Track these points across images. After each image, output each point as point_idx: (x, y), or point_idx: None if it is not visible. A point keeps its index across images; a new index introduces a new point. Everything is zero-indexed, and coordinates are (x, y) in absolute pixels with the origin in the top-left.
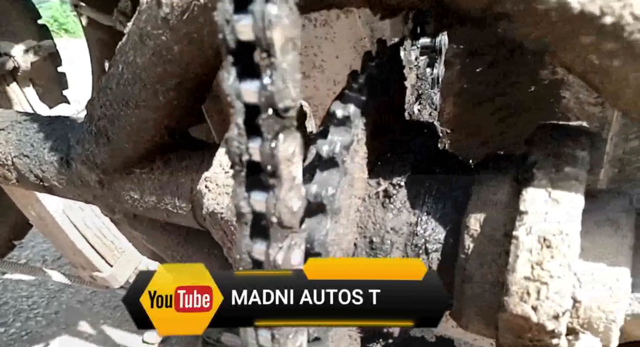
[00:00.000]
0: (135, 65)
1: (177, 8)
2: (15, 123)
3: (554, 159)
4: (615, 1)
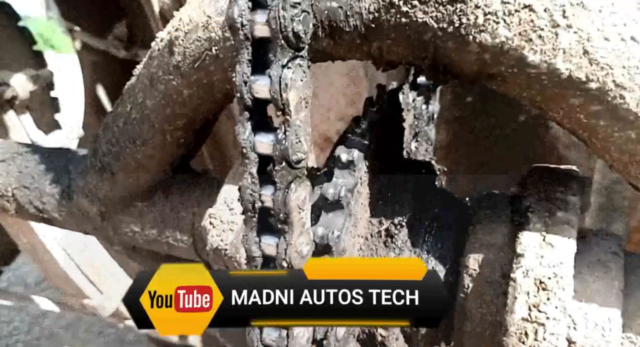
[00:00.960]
0: (145, 106)
1: (189, 57)
2: (16, 155)
3: (547, 203)
4: (599, 70)
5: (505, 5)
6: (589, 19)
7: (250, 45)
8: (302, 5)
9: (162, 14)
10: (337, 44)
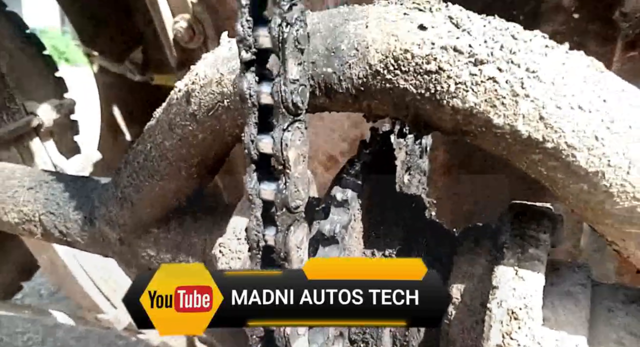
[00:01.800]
0: (163, 146)
1: (203, 106)
2: (43, 182)
3: (520, 240)
4: (553, 132)
5: (473, 77)
6: (544, 90)
7: (256, 111)
8: (300, 81)
9: (175, 41)
10: (332, 101)
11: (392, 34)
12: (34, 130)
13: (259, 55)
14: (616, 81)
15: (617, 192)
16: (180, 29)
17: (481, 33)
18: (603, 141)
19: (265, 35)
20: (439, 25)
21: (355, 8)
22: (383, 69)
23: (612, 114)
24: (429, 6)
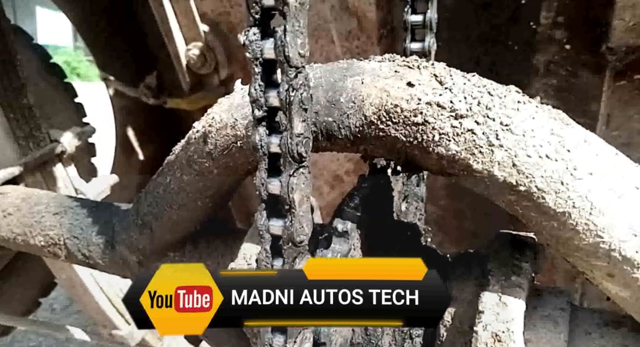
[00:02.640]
0: (181, 180)
1: (219, 146)
2: (68, 208)
3: (504, 268)
4: (524, 178)
5: (454, 129)
6: (516, 141)
7: (267, 159)
8: (304, 134)
9: (188, 67)
10: (333, 145)
11: (384, 89)
12: (57, 157)
13: (269, 112)
14: (579, 132)
15: (582, 230)
16: (193, 56)
17: (461, 90)
18: (568, 186)
19: (275, 97)
20: (425, 82)
21: (353, 64)
22: (377, 120)
23: (575, 162)
24: (417, 64)
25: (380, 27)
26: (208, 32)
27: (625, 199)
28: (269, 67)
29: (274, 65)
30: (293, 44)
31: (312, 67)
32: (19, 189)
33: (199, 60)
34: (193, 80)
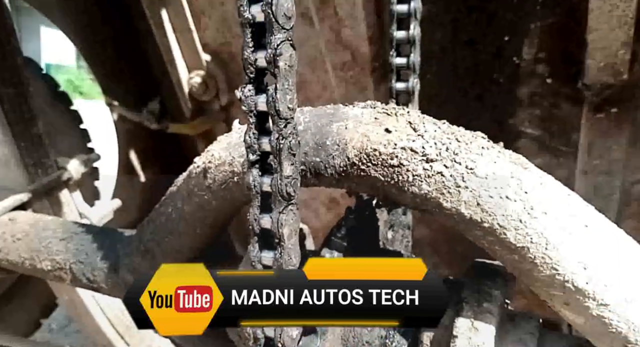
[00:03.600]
0: (182, 210)
1: (217, 181)
2: (74, 234)
3: (477, 295)
4: (487, 216)
5: (425, 171)
6: (479, 183)
7: (259, 197)
8: (292, 176)
9: (190, 94)
10: (320, 182)
11: (365, 135)
12: (64, 183)
13: (262, 156)
14: (536, 175)
15: (539, 263)
16: (195, 83)
17: (432, 137)
18: (525, 224)
19: (267, 143)
20: (400, 129)
21: (339, 109)
22: (358, 162)
23: (532, 202)
24: (394, 111)
25: (373, 60)
26: (210, 61)
27: (576, 236)
28: (262, 118)
29: (267, 117)
30: (283, 100)
31: (302, 110)
32: (27, 215)
33: (200, 87)
34: (195, 106)
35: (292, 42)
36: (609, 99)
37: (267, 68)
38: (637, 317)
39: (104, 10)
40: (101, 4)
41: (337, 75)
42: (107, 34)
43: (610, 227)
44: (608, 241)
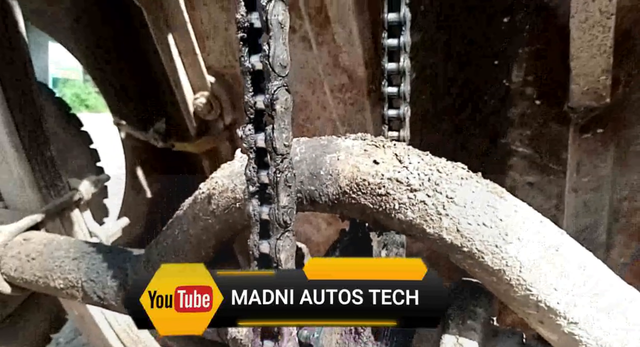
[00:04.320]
0: (188, 233)
1: (221, 206)
2: (85, 254)
3: (462, 313)
4: (467, 241)
5: (410, 200)
6: (459, 211)
7: (259, 224)
8: (288, 206)
9: (195, 114)
10: (315, 208)
11: (355, 166)
12: (75, 203)
13: (261, 187)
14: (511, 203)
15: (515, 284)
16: (200, 104)
17: (416, 168)
18: (501, 248)
19: (265, 176)
20: (387, 160)
21: (332, 141)
22: (349, 191)
23: (507, 229)
24: (382, 144)
25: (369, 83)
26: (214, 82)
27: (547, 259)
28: (260, 153)
29: (265, 153)
30: (279, 138)
31: (298, 141)
32: (41, 235)
33: (205, 107)
34: (199, 126)
35: (287, 87)
36: (594, 120)
37: (266, 110)
38: (604, 334)
39: (113, 34)
40: (110, 28)
41: (336, 96)
42: (115, 57)
43: (580, 251)
44: (577, 264)
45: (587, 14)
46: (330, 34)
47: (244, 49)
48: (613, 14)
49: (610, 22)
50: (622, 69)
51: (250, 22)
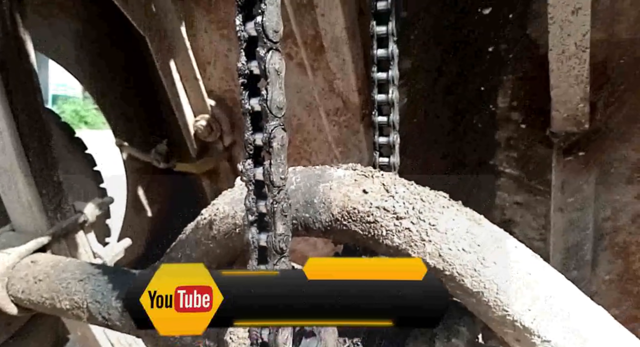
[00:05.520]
0: (190, 256)
1: (222, 231)
2: (91, 275)
3: (446, 331)
4: (448, 265)
5: (396, 227)
6: (440, 237)
7: (257, 250)
8: (284, 233)
9: (196, 136)
10: (309, 233)
11: (346, 195)
12: (80, 226)
13: (259, 216)
14: (488, 230)
15: (493, 305)
16: (201, 126)
17: (401, 197)
18: (479, 272)
19: (263, 207)
20: (375, 190)
21: (325, 171)
22: (341, 218)
23: (484, 254)
24: (371, 174)
25: (363, 107)
26: (214, 106)
27: (520, 282)
28: (259, 185)
29: (263, 185)
30: (276, 172)
31: (294, 171)
32: (47, 257)
33: (205, 130)
34: (200, 147)
35: (284, 126)
36: (576, 144)
37: (264, 147)
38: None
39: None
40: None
41: (331, 119)
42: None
43: (552, 274)
44: (549, 286)
45: (563, 47)
46: (325, 61)
47: (245, 92)
48: (587, 47)
49: (586, 55)
50: (599, 97)
51: (250, 69)
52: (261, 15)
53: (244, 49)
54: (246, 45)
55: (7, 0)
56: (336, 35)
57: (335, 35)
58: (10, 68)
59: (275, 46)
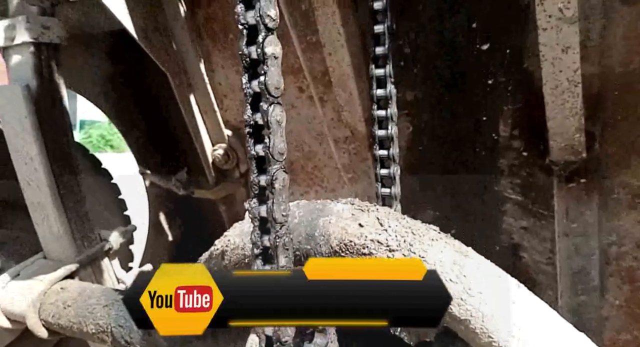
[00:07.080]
0: None
1: (232, 261)
2: (115, 301)
3: None
4: None
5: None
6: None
7: None
8: (286, 266)
9: (214, 164)
10: None
11: (344, 228)
12: (105, 253)
13: (263, 250)
14: (474, 261)
15: (479, 332)
16: (218, 155)
17: (394, 231)
18: (465, 301)
19: (267, 241)
20: (370, 224)
21: (326, 206)
22: (339, 250)
23: (469, 284)
24: (367, 208)
25: (369, 136)
26: (231, 135)
27: (505, 310)
28: (263, 222)
29: (267, 221)
30: (278, 210)
31: (297, 205)
32: (75, 283)
33: (223, 158)
34: (217, 174)
35: (285, 168)
36: (576, 171)
37: (267, 188)
38: None
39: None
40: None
41: (340, 147)
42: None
43: (534, 302)
44: (532, 314)
45: (556, 82)
46: (334, 93)
47: (250, 140)
48: (579, 82)
49: (578, 89)
50: (595, 127)
51: (255, 120)
52: (264, 75)
53: (250, 103)
54: (251, 99)
55: (44, 48)
56: (343, 72)
57: (342, 71)
58: (45, 111)
59: (277, 101)
